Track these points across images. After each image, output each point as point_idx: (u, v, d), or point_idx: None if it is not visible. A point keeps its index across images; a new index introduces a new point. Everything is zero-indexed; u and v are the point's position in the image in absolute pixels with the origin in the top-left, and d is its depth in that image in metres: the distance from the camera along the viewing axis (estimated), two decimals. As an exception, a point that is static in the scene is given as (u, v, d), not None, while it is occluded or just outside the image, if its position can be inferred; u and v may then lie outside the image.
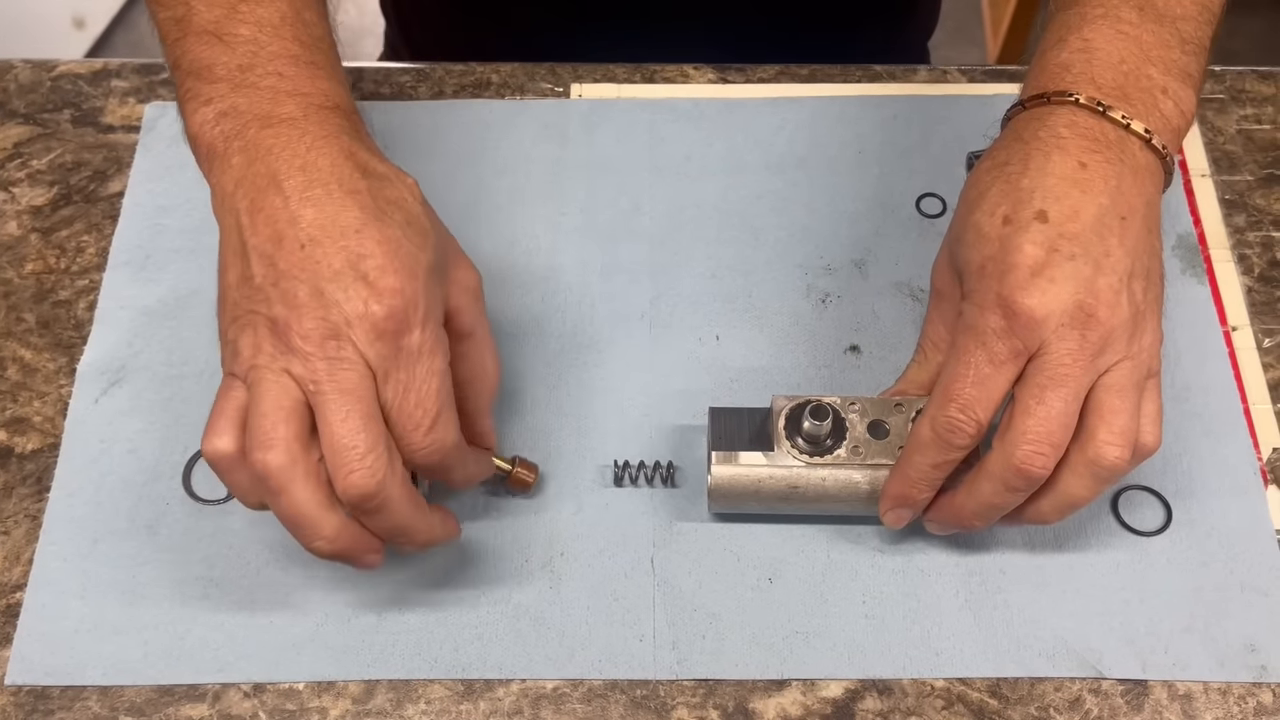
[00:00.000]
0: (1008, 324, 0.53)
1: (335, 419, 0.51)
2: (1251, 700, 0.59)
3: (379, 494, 0.51)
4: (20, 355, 0.69)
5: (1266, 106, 0.79)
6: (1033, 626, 0.60)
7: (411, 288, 0.52)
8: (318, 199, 0.53)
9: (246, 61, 0.57)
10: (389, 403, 0.52)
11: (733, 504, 0.61)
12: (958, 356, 0.55)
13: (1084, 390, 0.53)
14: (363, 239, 0.52)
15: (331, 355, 0.51)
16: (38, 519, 0.63)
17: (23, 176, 0.75)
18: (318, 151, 0.54)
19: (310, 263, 0.52)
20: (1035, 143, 0.56)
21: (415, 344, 0.52)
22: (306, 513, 0.51)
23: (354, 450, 0.51)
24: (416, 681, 0.59)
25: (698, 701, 0.59)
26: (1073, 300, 0.53)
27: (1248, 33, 2.10)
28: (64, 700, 0.58)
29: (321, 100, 0.57)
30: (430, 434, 0.53)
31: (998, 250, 0.54)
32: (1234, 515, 0.63)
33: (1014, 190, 0.55)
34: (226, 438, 0.52)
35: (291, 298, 0.52)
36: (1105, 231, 0.54)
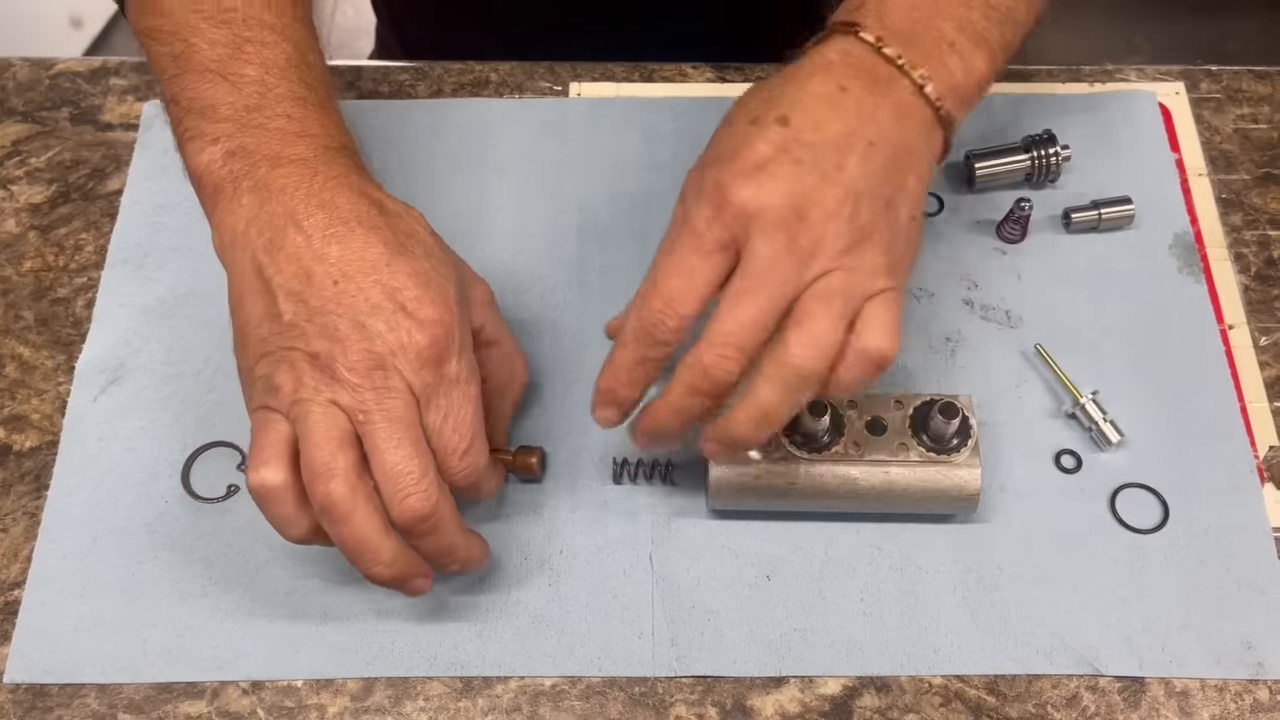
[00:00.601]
0: (717, 213, 0.52)
1: (388, 447, 0.52)
2: (1248, 697, 0.59)
3: (433, 515, 0.53)
4: (19, 353, 0.69)
5: (1263, 106, 0.79)
6: (1030, 624, 0.60)
7: (449, 318, 0.54)
8: (341, 236, 0.54)
9: (254, 103, 0.57)
10: (431, 428, 0.54)
11: (731, 501, 0.61)
12: (668, 247, 0.54)
13: (784, 296, 0.52)
14: (394, 272, 0.53)
15: (379, 385, 0.52)
16: (36, 517, 0.63)
17: (21, 174, 0.75)
18: (333, 191, 0.55)
19: (346, 297, 0.53)
20: (805, 64, 0.56)
21: (454, 372, 0.54)
22: (368, 539, 0.53)
23: (409, 475, 0.52)
24: (415, 679, 0.59)
25: (696, 698, 0.59)
26: (787, 200, 0.51)
27: (1243, 35, 2.10)
28: (63, 698, 0.58)
29: (329, 141, 0.57)
30: (466, 457, 0.54)
31: (730, 145, 0.54)
32: (1231, 513, 0.64)
33: (769, 98, 0.55)
34: (274, 469, 0.53)
35: (332, 331, 0.52)
36: (846, 149, 0.53)
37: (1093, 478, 0.65)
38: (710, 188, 0.53)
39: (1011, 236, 0.73)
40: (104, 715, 0.58)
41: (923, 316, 0.70)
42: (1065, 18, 2.23)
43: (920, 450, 0.60)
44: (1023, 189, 0.75)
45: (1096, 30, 2.13)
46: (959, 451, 0.60)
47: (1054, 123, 0.75)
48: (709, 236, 0.52)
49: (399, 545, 0.54)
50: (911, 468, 0.60)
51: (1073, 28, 2.13)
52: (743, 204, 0.52)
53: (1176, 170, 0.76)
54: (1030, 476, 0.65)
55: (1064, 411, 0.67)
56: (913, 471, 0.60)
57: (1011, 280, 0.71)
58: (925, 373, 0.68)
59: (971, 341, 0.69)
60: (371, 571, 0.54)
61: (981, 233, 0.73)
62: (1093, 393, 0.66)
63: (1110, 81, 0.80)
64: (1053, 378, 0.67)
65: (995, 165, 0.74)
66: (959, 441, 0.60)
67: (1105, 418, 0.65)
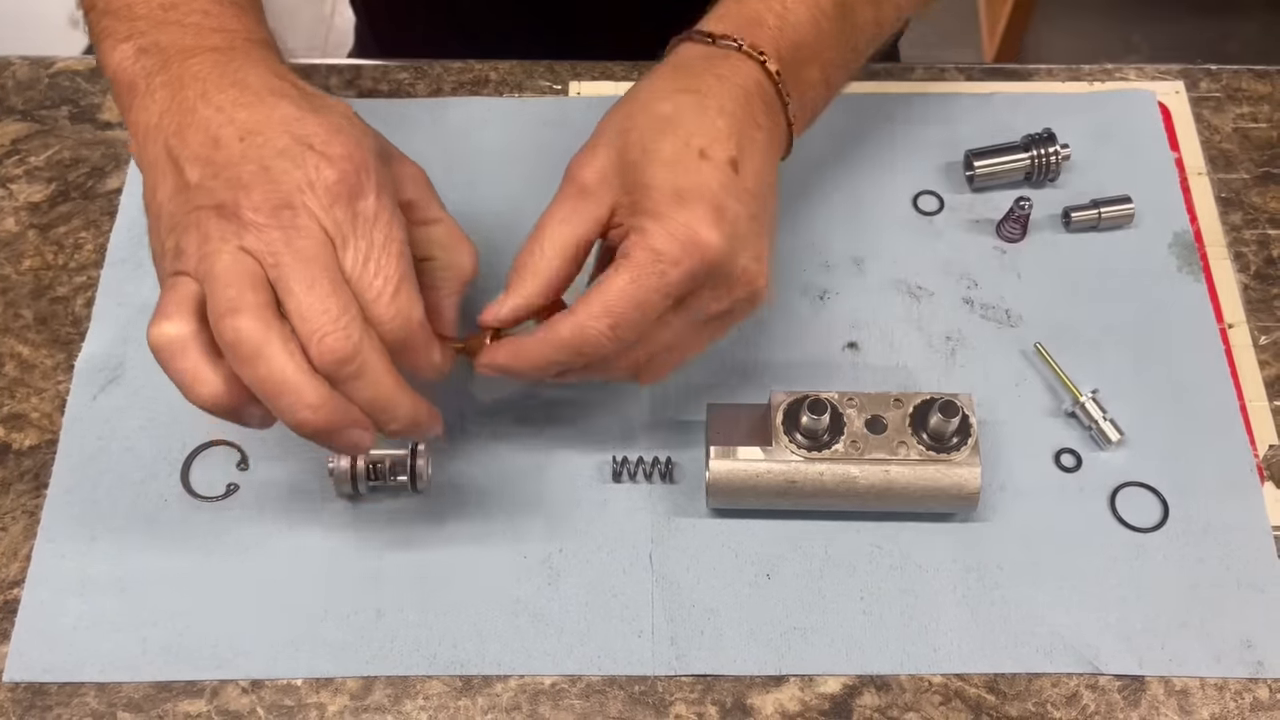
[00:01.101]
0: (692, 263, 0.53)
1: (300, 288, 0.49)
2: (1248, 696, 0.59)
3: (356, 357, 0.49)
4: (18, 352, 0.69)
5: (1263, 105, 0.79)
6: (1030, 622, 0.60)
7: (360, 154, 0.51)
8: (251, 104, 0.52)
9: (168, 1, 0.56)
10: (350, 271, 0.50)
11: (731, 499, 0.61)
12: (632, 275, 0.53)
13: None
14: (304, 123, 0.51)
15: (287, 224, 0.49)
16: (35, 515, 0.63)
17: (20, 173, 0.75)
18: (246, 72, 0.53)
19: (252, 149, 0.51)
20: (730, 87, 0.57)
21: (371, 209, 0.51)
22: (288, 378, 0.49)
23: (325, 314, 0.49)
24: (415, 677, 0.59)
25: (696, 697, 0.59)
26: (742, 252, 0.55)
27: (1242, 36, 2.10)
28: (62, 696, 0.58)
29: (248, 35, 0.56)
30: (394, 302, 0.51)
31: (694, 182, 0.54)
32: (1230, 512, 0.64)
33: (709, 125, 0.55)
34: (176, 321, 0.50)
35: (236, 180, 0.50)
36: (770, 196, 0.57)
37: (1092, 476, 0.65)
38: (685, 235, 0.53)
39: (1011, 235, 0.73)
40: (103, 714, 0.58)
41: (922, 315, 0.70)
42: (1064, 18, 2.24)
43: (920, 449, 0.60)
44: (1022, 188, 0.75)
45: (1095, 31, 2.14)
46: (959, 450, 0.60)
47: (1054, 122, 0.75)
48: (677, 281, 0.54)
49: (325, 388, 0.49)
50: (911, 466, 0.60)
51: (1071, 28, 2.13)
52: (713, 258, 0.54)
53: (1176, 169, 0.76)
54: (1030, 475, 0.65)
55: (1064, 410, 0.67)
56: (912, 470, 0.60)
57: (1011, 279, 0.71)
58: (925, 371, 0.68)
59: (971, 340, 0.69)
60: (297, 418, 0.49)
61: (981, 232, 0.73)
62: (1092, 391, 0.66)
63: (1110, 81, 0.80)
64: (1052, 376, 0.67)
65: (995, 164, 0.74)
66: (959, 440, 0.60)
67: (1105, 416, 0.65)
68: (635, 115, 0.57)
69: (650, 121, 0.56)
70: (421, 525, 0.63)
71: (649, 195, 0.54)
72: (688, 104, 0.56)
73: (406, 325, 0.51)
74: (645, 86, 0.58)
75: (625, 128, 0.57)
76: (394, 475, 0.61)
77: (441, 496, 0.64)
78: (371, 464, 0.61)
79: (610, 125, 0.58)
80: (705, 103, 0.56)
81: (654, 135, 0.56)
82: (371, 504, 0.63)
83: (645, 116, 0.56)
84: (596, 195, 0.56)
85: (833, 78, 0.63)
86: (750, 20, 0.59)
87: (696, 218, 0.53)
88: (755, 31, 0.59)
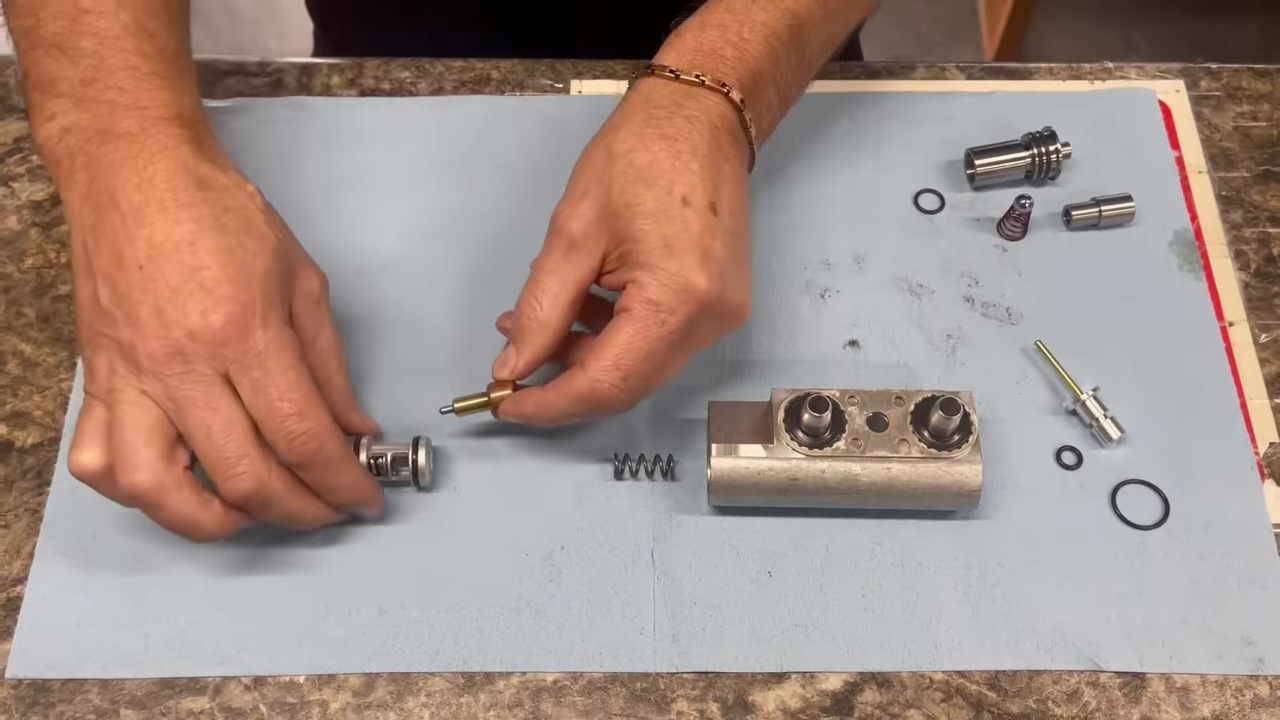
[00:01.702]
0: (689, 309, 0.56)
1: (199, 435, 0.54)
2: (1249, 693, 0.59)
3: (260, 491, 0.54)
4: (20, 350, 0.69)
5: (1263, 103, 0.80)
6: (1031, 619, 0.61)
7: (247, 293, 0.54)
8: (151, 217, 0.54)
9: (88, 75, 0.58)
10: (250, 403, 0.54)
11: (732, 497, 0.61)
12: (636, 328, 0.56)
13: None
14: (197, 251, 0.54)
15: (179, 372, 0.53)
16: (38, 513, 0.63)
17: (23, 171, 0.75)
18: (155, 167, 0.55)
19: (149, 282, 0.54)
20: (700, 128, 0.59)
21: (261, 343, 0.54)
22: (187, 518, 0.55)
23: (225, 460, 0.54)
24: (417, 674, 0.59)
25: (697, 694, 0.59)
26: (730, 292, 0.58)
27: (1241, 35, 2.10)
28: (65, 693, 0.58)
29: (161, 112, 0.57)
30: (302, 420, 0.55)
31: (679, 230, 0.57)
32: (1231, 509, 0.64)
33: (686, 172, 0.58)
34: (93, 452, 0.55)
35: (134, 320, 0.54)
36: (745, 227, 0.60)
37: (1093, 474, 0.65)
38: (678, 284, 0.56)
39: (1012, 234, 0.73)
40: (106, 711, 0.58)
41: (923, 313, 0.70)
42: (1064, 17, 2.24)
43: (921, 446, 0.60)
44: (1023, 186, 0.75)
45: (1095, 29, 2.14)
46: (960, 448, 0.60)
47: (1054, 120, 0.75)
48: (678, 328, 0.57)
49: (220, 510, 0.55)
50: (912, 464, 0.60)
51: (1071, 27, 2.13)
52: (705, 299, 0.57)
53: (1177, 168, 0.76)
54: (1031, 473, 0.65)
55: (1065, 408, 0.67)
56: (914, 468, 0.60)
57: (1012, 277, 0.72)
58: (926, 369, 0.68)
59: (972, 338, 0.69)
60: (201, 540, 0.56)
61: (982, 230, 0.73)
62: (1093, 389, 0.66)
63: (1110, 79, 0.80)
64: (1053, 374, 0.68)
65: (996, 162, 0.74)
66: (960, 438, 0.60)
67: (1106, 414, 0.65)
68: (614, 165, 0.59)
69: (629, 172, 0.58)
70: (423, 522, 0.63)
71: (638, 248, 0.57)
72: (663, 153, 0.58)
73: (318, 437, 0.55)
74: (620, 134, 0.59)
75: (606, 180, 0.58)
76: (396, 471, 0.62)
77: (443, 494, 0.64)
78: (373, 459, 0.61)
79: (590, 175, 0.59)
80: (679, 148, 0.58)
81: (636, 187, 0.58)
82: (374, 501, 0.63)
83: (624, 166, 0.58)
84: (586, 247, 0.59)
85: (787, 94, 0.65)
86: (710, 53, 0.61)
87: (687, 266, 0.56)
88: (716, 64, 0.61)
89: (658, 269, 0.56)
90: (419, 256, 0.72)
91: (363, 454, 0.61)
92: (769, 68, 0.63)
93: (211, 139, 0.60)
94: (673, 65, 0.61)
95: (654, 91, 0.61)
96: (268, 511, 0.56)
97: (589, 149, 0.61)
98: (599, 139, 0.60)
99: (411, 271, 0.71)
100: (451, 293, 0.70)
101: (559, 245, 0.59)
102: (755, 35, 0.62)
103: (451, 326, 0.69)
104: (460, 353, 0.68)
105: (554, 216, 0.60)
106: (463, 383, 0.65)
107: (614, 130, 0.60)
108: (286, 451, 0.55)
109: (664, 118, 0.59)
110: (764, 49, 0.62)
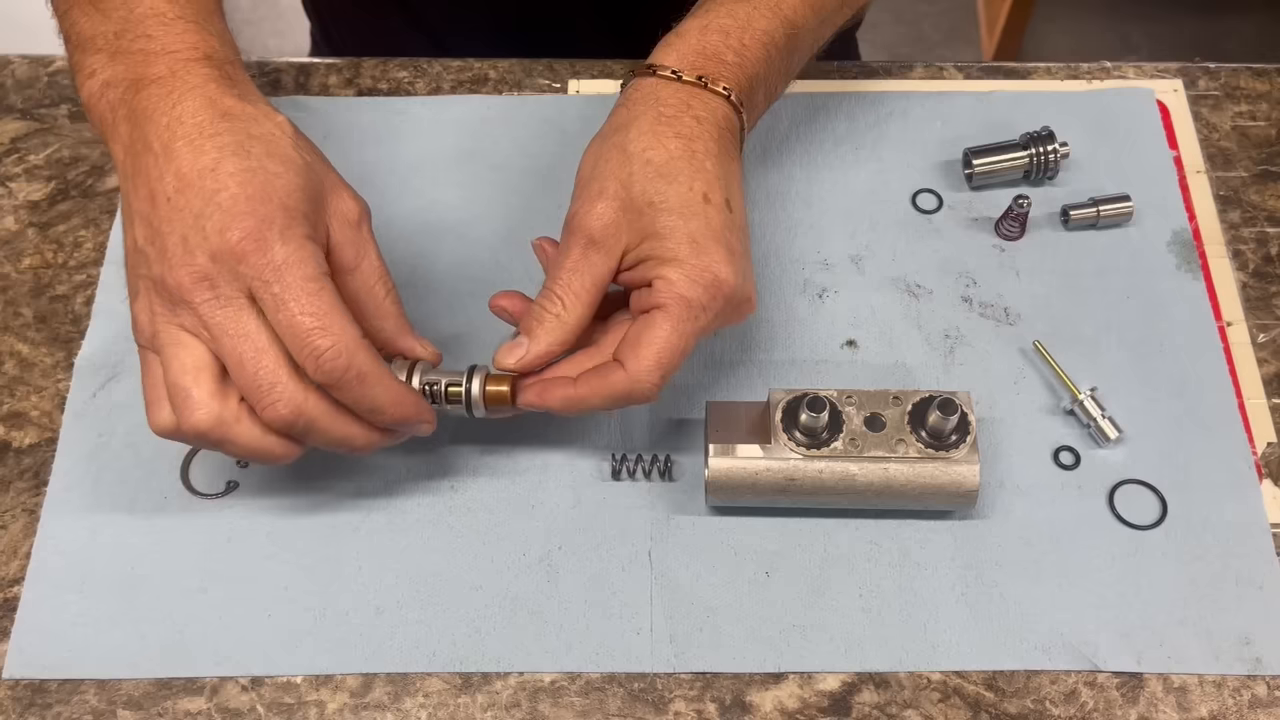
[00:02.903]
0: (713, 301, 0.58)
1: (232, 364, 0.53)
2: (1246, 693, 0.59)
3: (299, 419, 0.53)
4: (18, 350, 0.69)
5: (1261, 103, 0.79)
6: (1029, 620, 0.60)
7: (265, 208, 0.53)
8: (179, 152, 0.54)
9: (119, 28, 0.58)
10: (275, 321, 0.53)
11: (730, 497, 0.61)
12: (673, 325, 0.57)
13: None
14: (218, 175, 0.53)
15: (208, 298, 0.52)
16: (35, 513, 0.63)
17: (20, 171, 0.75)
18: (182, 106, 0.55)
19: (175, 212, 0.53)
20: (709, 128, 0.60)
21: (280, 257, 0.52)
22: (256, 448, 0.54)
23: (259, 389, 0.52)
24: (414, 675, 0.59)
25: (695, 694, 0.59)
26: (749, 290, 0.60)
27: (1241, 35, 2.10)
28: (62, 694, 0.58)
29: (189, 54, 0.57)
30: (326, 335, 0.52)
31: (703, 226, 0.58)
32: (1229, 509, 0.64)
33: (703, 170, 0.59)
34: (162, 409, 0.54)
35: (164, 253, 0.53)
36: (748, 227, 0.62)
37: (1091, 474, 0.65)
38: (708, 279, 0.57)
39: (1010, 233, 0.73)
40: (103, 711, 0.58)
41: (921, 313, 0.70)
42: (1062, 17, 2.23)
43: (919, 446, 0.60)
44: (1021, 186, 0.75)
45: (1094, 29, 2.14)
46: (957, 448, 0.60)
47: (1052, 120, 0.75)
48: (708, 322, 0.58)
49: (288, 442, 0.55)
50: (910, 464, 0.60)
51: (1070, 27, 2.13)
52: (730, 292, 0.58)
53: (1175, 167, 0.76)
54: (1029, 473, 0.65)
55: (1062, 408, 0.67)
56: (911, 468, 0.60)
57: (1010, 277, 0.72)
58: (924, 369, 0.68)
59: (970, 338, 0.69)
60: (278, 463, 0.56)
61: (980, 230, 0.73)
62: (1091, 389, 0.66)
63: (1109, 79, 0.80)
64: (1051, 374, 0.68)
65: (994, 162, 0.74)
66: (957, 438, 0.60)
67: (1103, 414, 0.65)
68: (632, 164, 0.59)
69: (648, 170, 0.59)
70: (420, 523, 0.63)
71: (664, 244, 0.58)
72: (679, 151, 0.59)
73: (345, 355, 0.53)
74: (632, 133, 0.60)
75: (624, 177, 0.59)
76: (450, 399, 0.60)
77: (440, 494, 0.64)
78: (428, 385, 0.60)
79: (607, 173, 0.59)
80: (694, 148, 0.59)
81: (657, 184, 0.58)
82: (369, 501, 0.63)
83: (641, 164, 0.59)
84: (606, 245, 0.59)
85: (772, 96, 0.67)
86: (712, 56, 0.62)
87: (715, 260, 0.57)
88: (718, 68, 0.62)
89: (687, 264, 0.57)
90: (417, 256, 0.72)
91: (416, 379, 0.59)
92: (763, 73, 0.64)
93: (241, 74, 0.59)
94: (674, 66, 0.61)
95: (659, 91, 0.61)
96: (313, 438, 0.55)
97: (598, 148, 0.61)
98: (609, 138, 0.60)
99: (409, 270, 0.71)
100: (451, 292, 0.70)
101: (578, 244, 0.59)
102: (755, 43, 0.63)
103: (449, 326, 0.69)
104: (459, 352, 0.68)
105: (571, 216, 0.59)
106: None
107: (624, 129, 0.60)
108: (314, 371, 0.53)
109: (674, 116, 0.60)
110: (761, 56, 0.63)
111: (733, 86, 0.61)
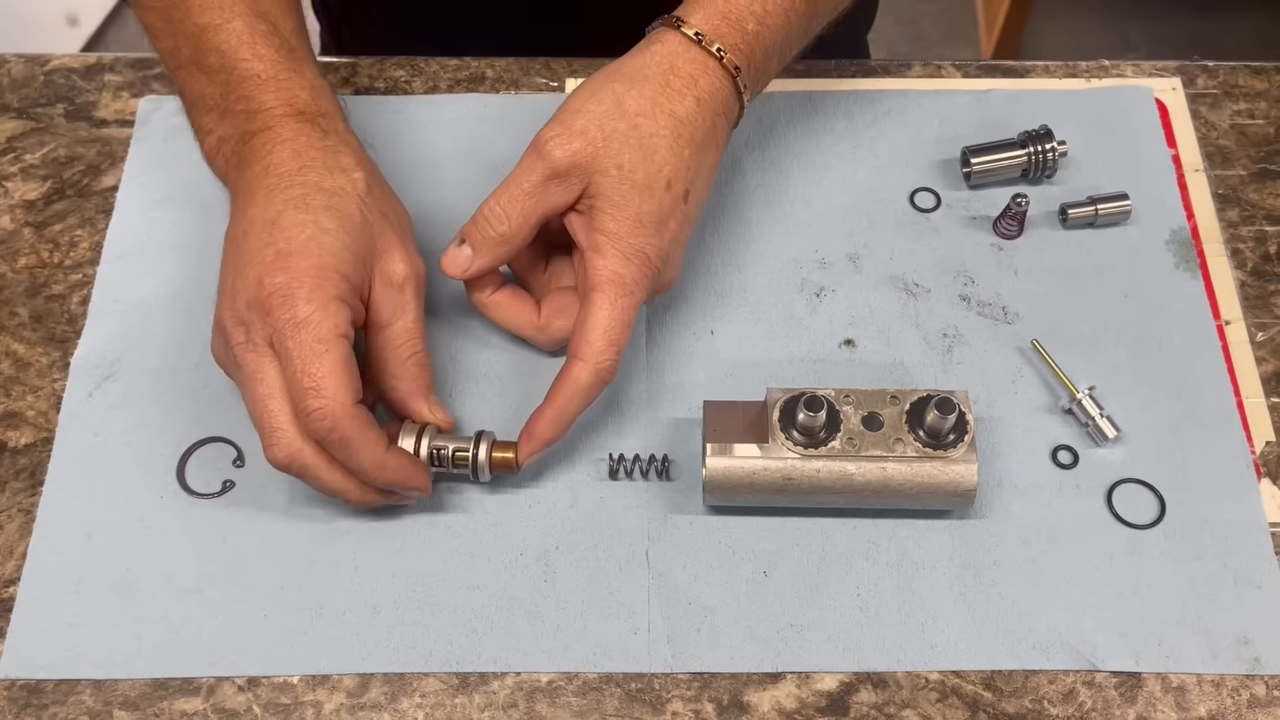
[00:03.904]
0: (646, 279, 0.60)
1: (246, 401, 0.57)
2: (1245, 692, 0.59)
3: (294, 463, 0.57)
4: (13, 350, 0.68)
5: (1260, 101, 0.79)
6: (1027, 619, 0.60)
7: (301, 265, 0.56)
8: (257, 199, 0.59)
9: (222, 89, 0.64)
10: (284, 371, 0.56)
11: (728, 496, 0.61)
12: (611, 302, 0.59)
13: None
14: (274, 226, 0.58)
15: (241, 341, 0.57)
16: (31, 513, 0.63)
17: (16, 171, 0.75)
18: (271, 157, 0.61)
19: (239, 256, 0.58)
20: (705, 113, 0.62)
21: (302, 315, 0.56)
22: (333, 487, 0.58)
23: (263, 429, 0.57)
24: (411, 675, 0.59)
25: (692, 694, 0.59)
26: (673, 274, 0.64)
27: (1239, 34, 2.10)
28: (57, 694, 0.58)
29: (283, 110, 0.63)
30: (317, 397, 0.55)
31: (654, 209, 0.60)
32: (1227, 508, 0.63)
33: (678, 158, 0.61)
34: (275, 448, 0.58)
35: (222, 290, 0.59)
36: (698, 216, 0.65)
37: (1089, 473, 0.65)
38: (641, 259, 0.60)
39: (1008, 232, 0.73)
40: (99, 712, 0.58)
41: (919, 312, 0.70)
42: (1061, 15, 2.23)
43: (917, 446, 0.60)
44: (1019, 185, 0.75)
45: (1092, 28, 2.14)
46: (955, 447, 0.60)
47: (1051, 118, 0.75)
48: (640, 295, 0.60)
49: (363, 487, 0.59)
50: (908, 463, 0.60)
51: (1068, 25, 2.13)
52: (655, 273, 0.61)
53: (1173, 166, 0.76)
54: (1027, 472, 0.65)
55: (1060, 407, 0.67)
56: (909, 467, 0.60)
57: (1008, 276, 0.71)
58: (921, 368, 0.68)
59: (968, 337, 0.69)
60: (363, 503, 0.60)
61: (978, 228, 0.73)
62: (1089, 388, 0.66)
63: (1107, 77, 0.80)
64: (1049, 373, 0.67)
65: (992, 161, 0.74)
66: (955, 437, 0.60)
67: (1102, 413, 0.65)
68: (620, 121, 0.60)
69: (632, 136, 0.60)
70: (416, 522, 0.63)
71: (613, 214, 0.60)
72: (666, 131, 0.61)
73: (330, 418, 0.55)
74: (634, 93, 0.61)
75: (607, 130, 0.60)
76: (456, 464, 0.61)
77: (437, 494, 0.64)
78: (435, 450, 0.61)
79: (592, 115, 0.60)
80: (681, 132, 0.61)
81: (634, 154, 0.60)
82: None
83: (628, 127, 0.60)
84: (568, 183, 0.60)
85: (785, 61, 0.68)
86: (735, 22, 0.63)
87: (648, 244, 0.60)
88: (738, 37, 0.63)
89: (624, 240, 0.60)
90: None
91: (425, 443, 0.61)
92: (780, 40, 0.65)
93: (333, 124, 0.64)
94: (699, 27, 0.62)
95: (676, 58, 0.62)
96: (310, 484, 0.58)
97: (600, 84, 0.62)
98: (613, 81, 0.62)
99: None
100: (448, 291, 0.70)
101: (540, 169, 0.60)
102: (777, 9, 0.64)
103: (446, 324, 0.69)
104: (457, 351, 0.68)
105: (545, 139, 0.60)
106: (456, 380, 0.65)
107: (629, 82, 0.61)
108: (305, 427, 0.56)
109: (680, 91, 0.62)
110: (781, 23, 0.65)
111: (743, 62, 0.63)
